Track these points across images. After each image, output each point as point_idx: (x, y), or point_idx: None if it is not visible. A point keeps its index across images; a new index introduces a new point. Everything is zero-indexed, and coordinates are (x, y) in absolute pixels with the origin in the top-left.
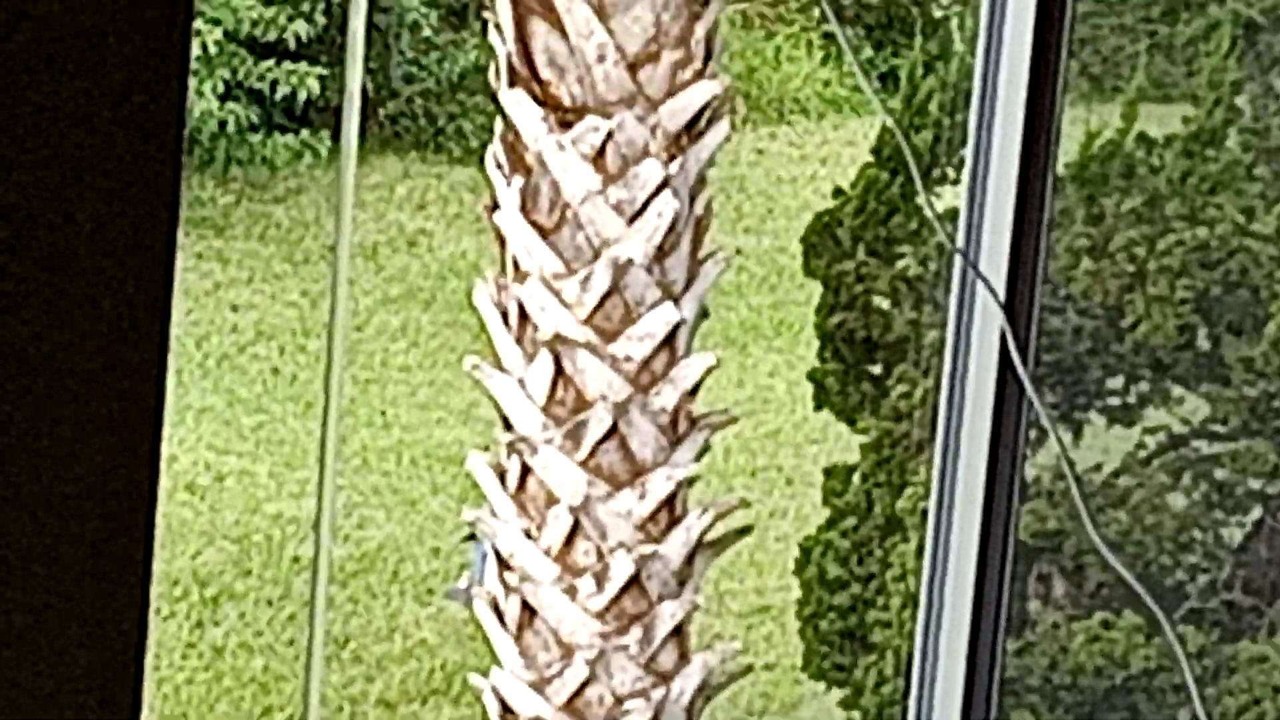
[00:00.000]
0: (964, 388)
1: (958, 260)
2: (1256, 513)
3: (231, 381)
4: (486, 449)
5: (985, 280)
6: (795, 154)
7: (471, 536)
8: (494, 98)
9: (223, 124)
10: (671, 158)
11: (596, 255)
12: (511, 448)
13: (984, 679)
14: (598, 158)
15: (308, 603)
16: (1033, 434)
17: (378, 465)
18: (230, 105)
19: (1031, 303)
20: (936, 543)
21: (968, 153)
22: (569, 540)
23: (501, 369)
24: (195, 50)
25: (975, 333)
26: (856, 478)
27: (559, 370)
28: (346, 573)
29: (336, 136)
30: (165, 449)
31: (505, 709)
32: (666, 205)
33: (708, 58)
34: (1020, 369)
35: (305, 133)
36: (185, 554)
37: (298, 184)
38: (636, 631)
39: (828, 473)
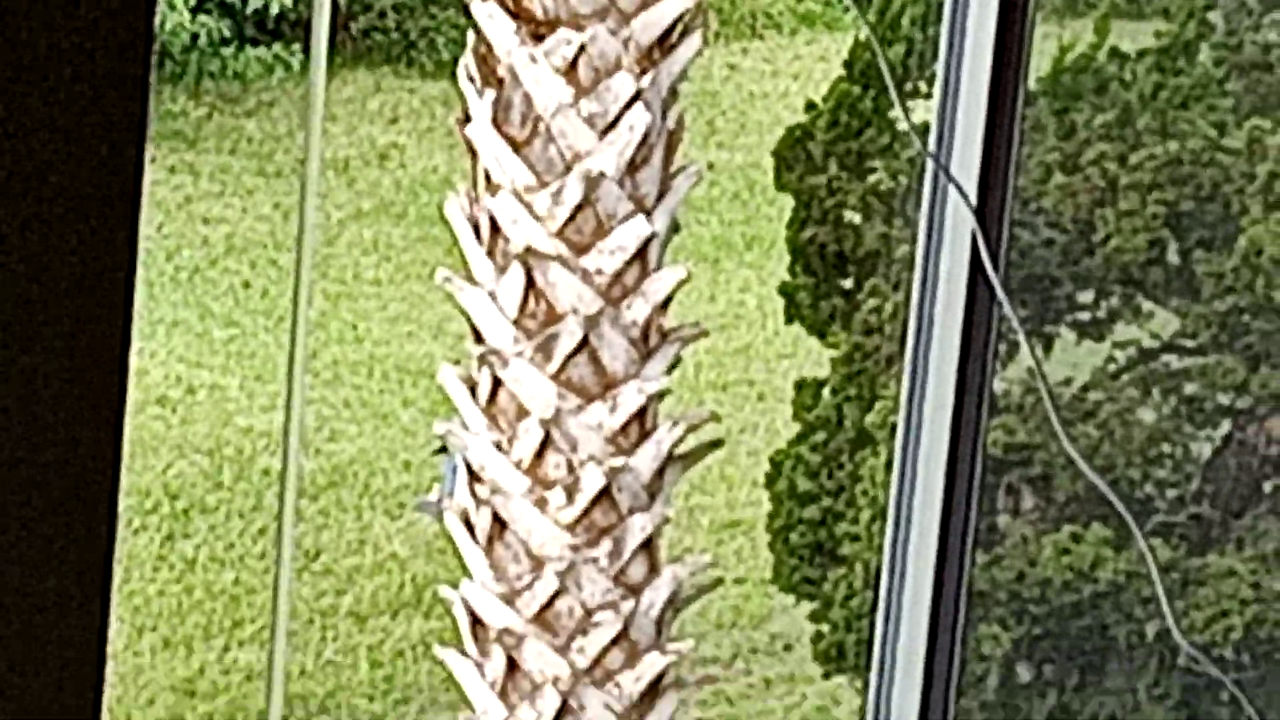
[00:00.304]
0: (935, 296)
1: (930, 167)
2: (1225, 427)
3: (202, 295)
4: (458, 363)
5: (956, 183)
6: (767, 69)
7: (442, 449)
8: (466, 10)
9: (194, 37)
10: (644, 71)
11: (568, 168)
12: (482, 360)
13: (952, 591)
14: (570, 71)
15: (277, 516)
16: (1003, 348)
17: (349, 379)
18: (202, 18)
19: (1003, 209)
20: (905, 455)
21: (940, 64)
22: (539, 453)
23: (473, 282)
24: None
25: (947, 240)
26: (827, 392)
27: (530, 283)
28: (317, 486)
29: (308, 50)
30: (136, 362)
31: (475, 621)
32: (638, 118)
33: None
34: (991, 273)
35: (277, 46)
36: (156, 467)
37: (269, 97)
38: (606, 544)
39: (798, 387)
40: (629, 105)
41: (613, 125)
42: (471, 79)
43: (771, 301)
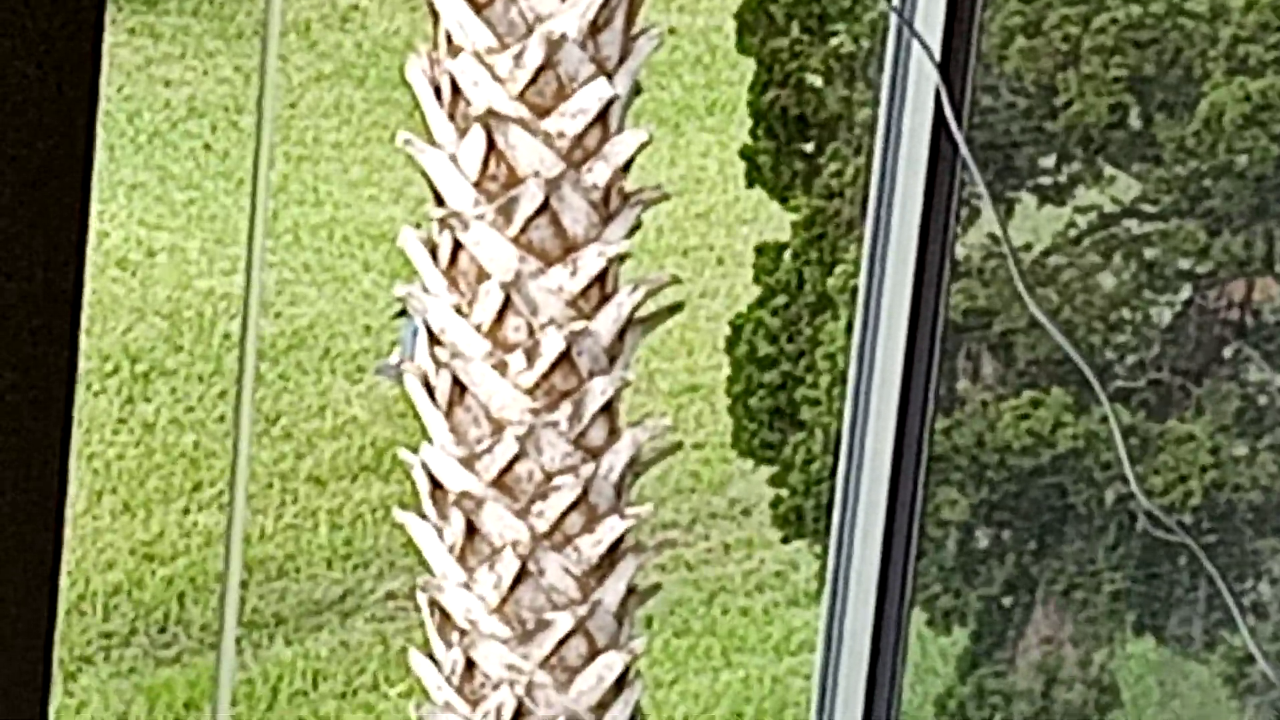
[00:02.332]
0: (898, 155)
1: (894, 24)
2: (1186, 292)
3: (163, 158)
4: (418, 226)
5: (920, 39)
6: None
7: (402, 313)
8: None
9: None
10: None
11: (530, 30)
12: (443, 223)
13: (912, 456)
14: None
15: (238, 380)
16: (964, 213)
17: (309, 242)
18: None
19: (966, 67)
20: (866, 318)
21: None
22: (500, 316)
23: (434, 144)
24: None
25: (910, 99)
26: (788, 255)
27: (491, 146)
28: (277, 350)
29: None
30: (96, 225)
31: (435, 485)
32: None
33: None
34: (955, 131)
35: None
36: (116, 330)
37: None
38: (566, 408)
39: (759, 250)
40: None
41: None
42: None
43: (732, 166)
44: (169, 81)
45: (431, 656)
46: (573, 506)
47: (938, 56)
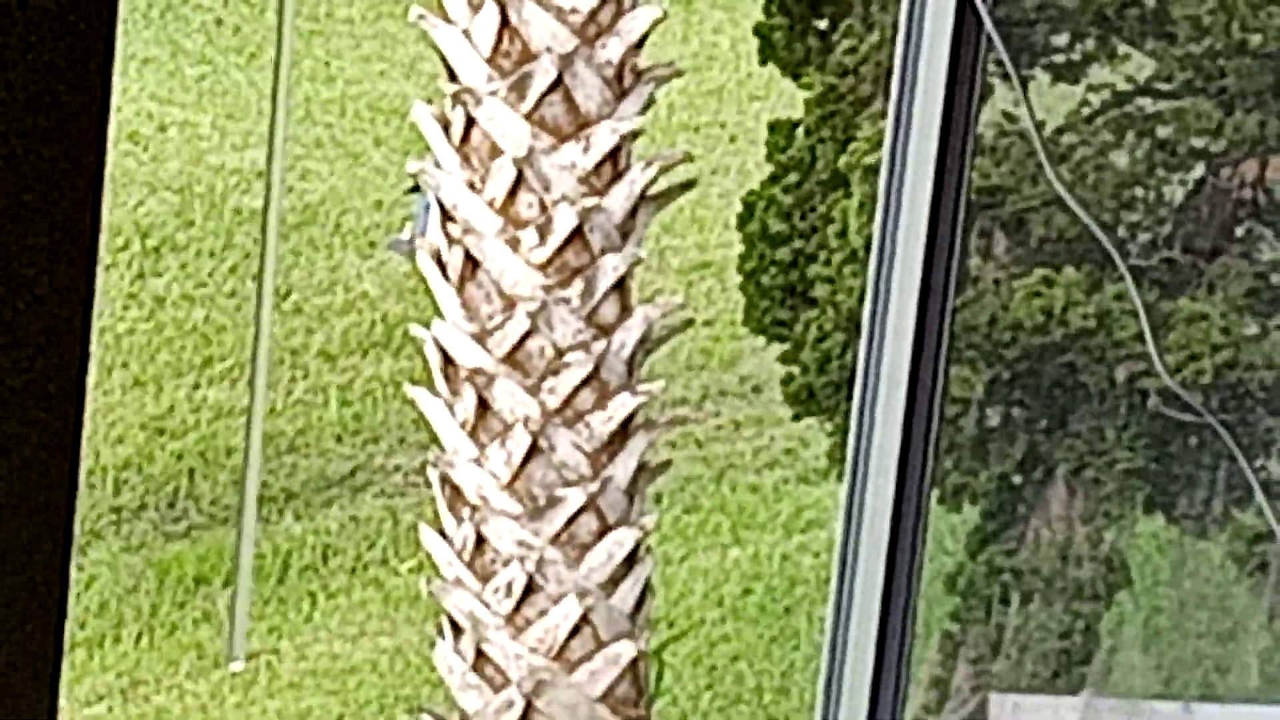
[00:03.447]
0: (922, 27)
1: None
2: (1199, 171)
3: (174, 32)
4: (430, 102)
5: None
6: None
7: (415, 188)
8: None
9: None
10: None
11: None
12: (456, 99)
13: (934, 333)
14: None
15: (249, 253)
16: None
17: (321, 117)
18: None
19: None
20: (889, 191)
21: None
22: (512, 192)
23: (447, 20)
24: None
25: None
26: (800, 133)
27: (504, 21)
28: (288, 225)
29: None
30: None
31: (446, 360)
32: None
33: None
34: (979, 2)
35: None
36: (127, 204)
37: None
38: (578, 284)
39: (771, 127)
40: None
41: None
42: None
43: (745, 43)
44: None
45: (442, 532)
46: (584, 383)
47: None
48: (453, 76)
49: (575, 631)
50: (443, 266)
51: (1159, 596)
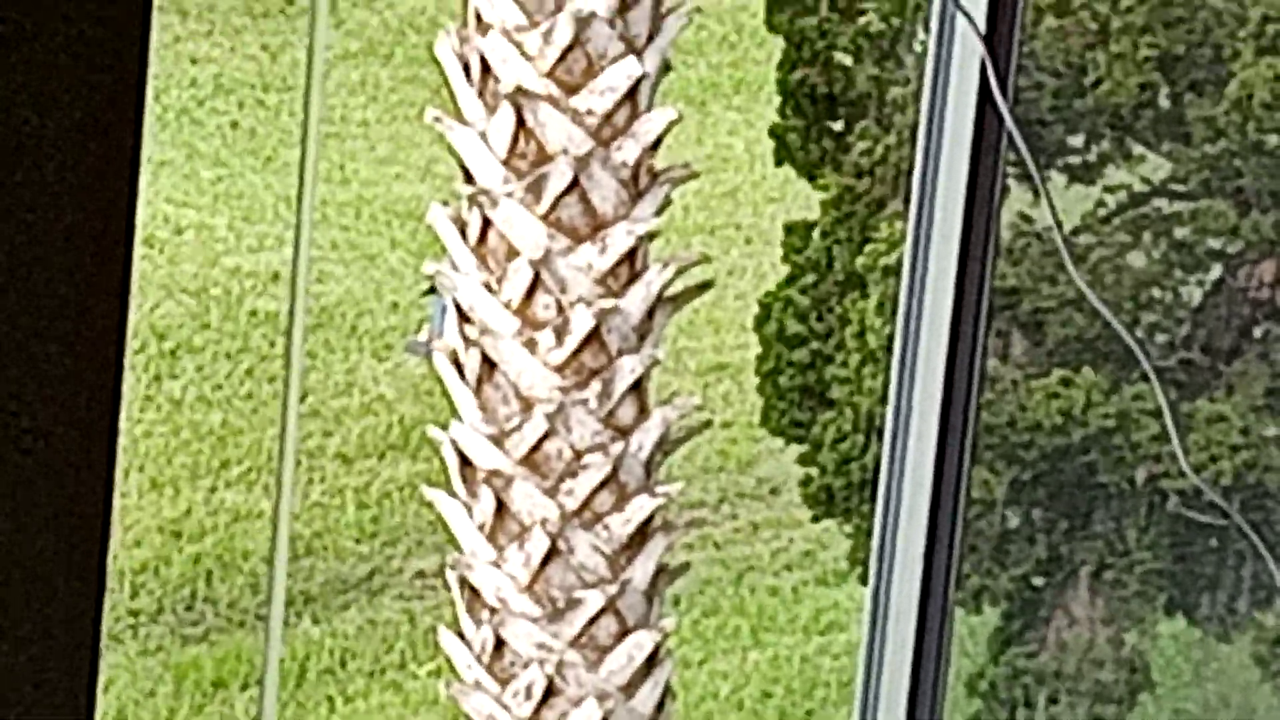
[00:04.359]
0: (942, 126)
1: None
2: (1216, 272)
3: (190, 135)
4: (446, 204)
5: (963, 9)
6: None
7: (431, 290)
8: None
9: None
10: None
11: (559, 7)
12: (472, 200)
13: (957, 434)
14: None
15: (266, 356)
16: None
17: (336, 219)
18: None
19: (1011, 37)
20: (911, 292)
21: None
22: (529, 294)
23: (463, 121)
24: None
25: (954, 69)
26: (817, 234)
27: (520, 123)
28: (305, 327)
29: None
30: None
31: (464, 462)
32: None
33: None
34: (1000, 100)
35: None
36: (144, 307)
37: None
38: (596, 386)
39: (788, 229)
40: None
41: None
42: None
43: (760, 145)
44: (196, 59)
45: (461, 635)
46: (602, 484)
47: (982, 28)
48: (469, 178)
49: None
50: (459, 368)
51: (1182, 699)
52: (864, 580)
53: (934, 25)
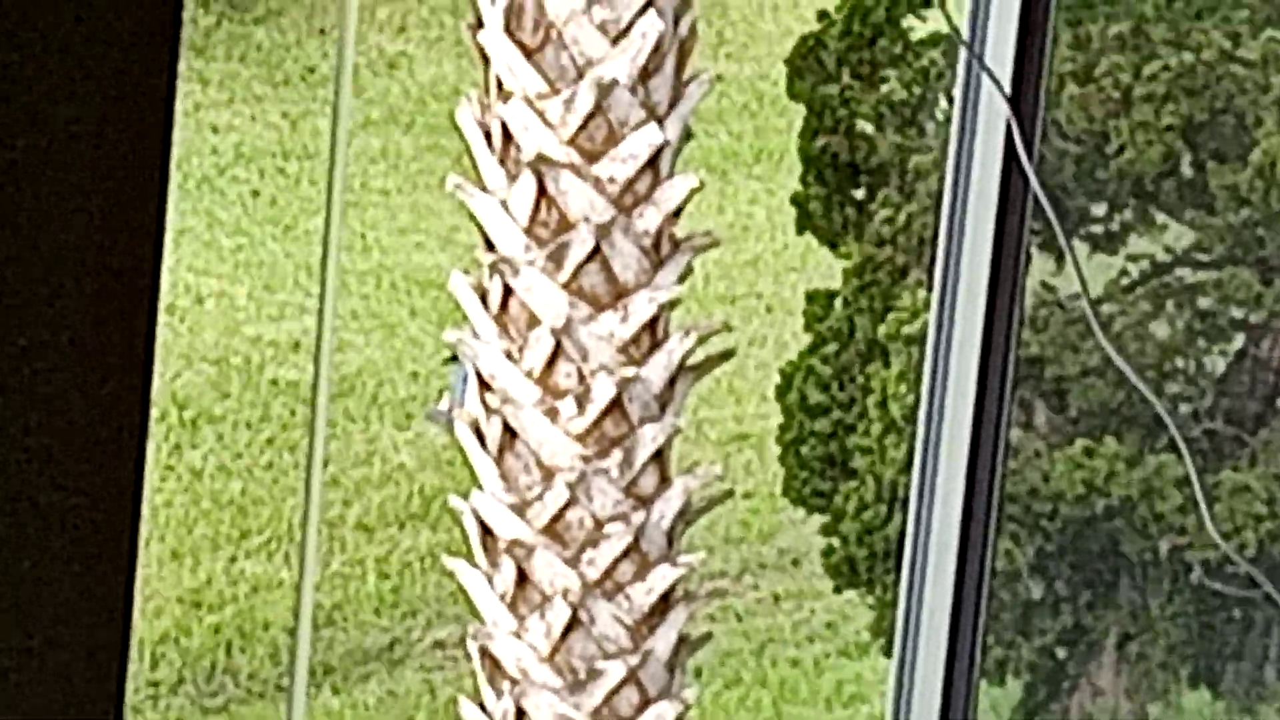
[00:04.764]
0: (968, 190)
1: (962, 55)
2: (1239, 341)
3: (210, 203)
4: (466, 272)
5: (990, 72)
6: None
7: (452, 358)
8: None
9: None
10: None
11: (580, 75)
12: (493, 268)
13: (982, 505)
14: None
15: (286, 425)
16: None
17: (357, 289)
18: None
19: (1036, 101)
20: (936, 360)
21: None
22: (550, 362)
23: (484, 189)
24: None
25: (980, 135)
26: (838, 303)
27: (542, 191)
28: (327, 397)
29: None
30: None
31: (485, 531)
32: (651, 25)
33: None
34: (1026, 162)
35: None
36: (164, 376)
37: (278, 5)
38: (617, 454)
39: (809, 298)
40: (642, 11)
41: (625, 32)
42: None
43: (781, 214)
44: (216, 127)
45: (482, 705)
46: (624, 554)
47: (1008, 90)
48: (490, 246)
49: None
50: (481, 437)
51: None
52: (887, 652)
53: (959, 88)
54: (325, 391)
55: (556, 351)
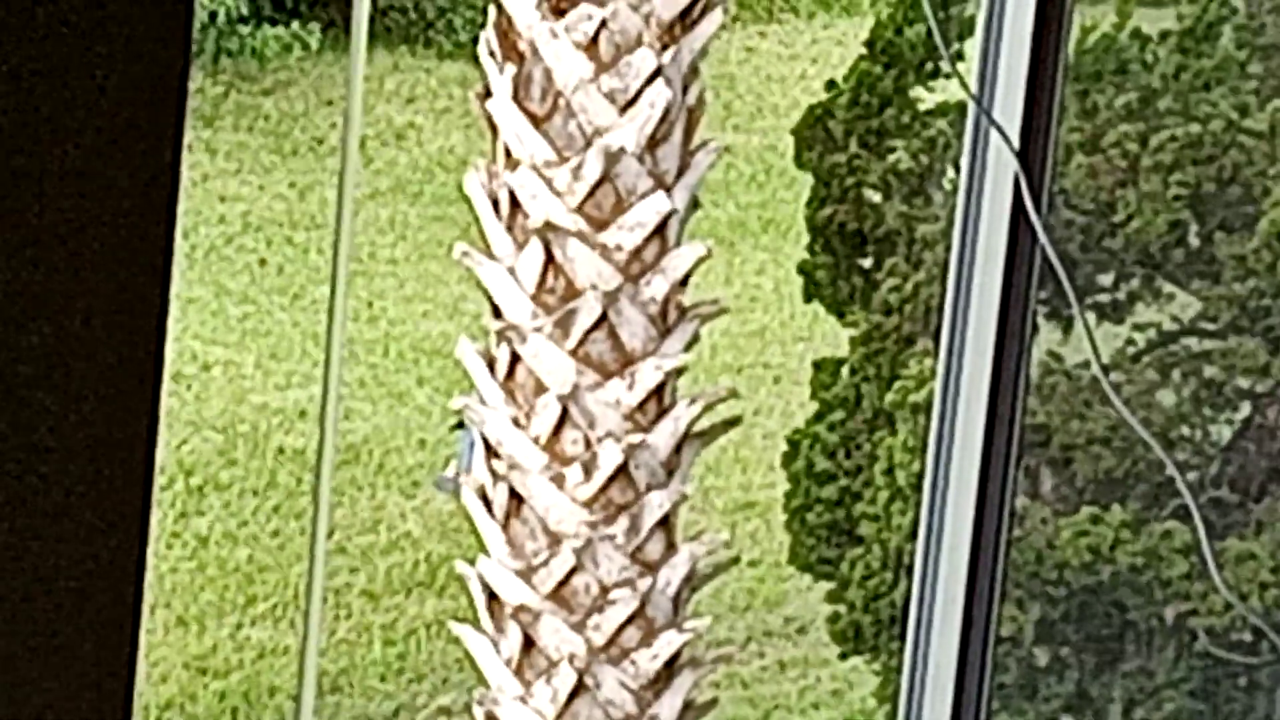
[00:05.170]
0: (975, 246)
1: (971, 111)
2: (1245, 410)
3: (218, 272)
4: (474, 339)
5: (998, 126)
6: (785, 52)
7: (460, 425)
8: None
9: (213, 15)
10: (665, 47)
11: (588, 143)
12: (501, 335)
13: (987, 571)
14: (591, 46)
15: (293, 493)
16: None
17: (365, 357)
18: None
19: (1044, 156)
20: (941, 429)
21: (982, 5)
22: (557, 429)
23: (492, 257)
24: None
25: (987, 199)
26: (845, 371)
27: (549, 258)
28: (332, 464)
29: (326, 29)
30: None
31: (492, 597)
32: (659, 94)
33: None
34: (1034, 216)
35: (295, 25)
36: (171, 444)
37: (287, 76)
38: (624, 521)
39: (817, 366)
40: (650, 81)
41: (633, 101)
42: (492, 54)
43: (788, 284)
44: (225, 196)
45: None
46: (630, 620)
47: (1016, 145)
48: (497, 313)
49: None
50: (487, 503)
51: None
52: (892, 718)
53: (967, 144)
54: (330, 458)
55: (563, 418)
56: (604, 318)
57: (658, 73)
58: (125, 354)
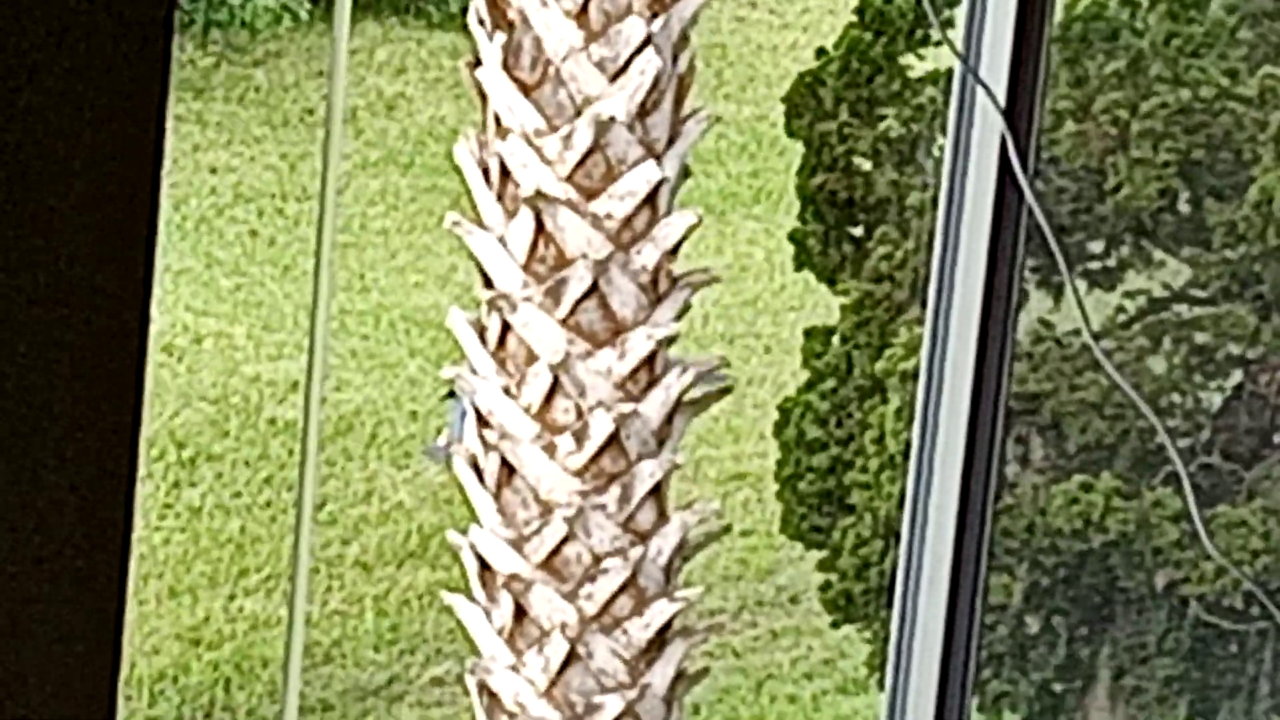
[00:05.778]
0: (962, 211)
1: (958, 70)
2: (1236, 377)
3: (209, 244)
4: (465, 309)
5: (985, 86)
6: (775, 21)
7: (451, 394)
8: None
9: None
10: (654, 15)
11: (578, 112)
12: (492, 305)
13: (973, 540)
14: (581, 14)
15: (284, 464)
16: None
17: (355, 328)
18: None
19: (1031, 115)
20: (928, 397)
21: None
22: (548, 398)
23: (482, 226)
24: None
25: (975, 150)
26: (836, 339)
27: (540, 227)
28: (324, 435)
29: (316, 0)
30: None
31: (483, 567)
32: (649, 63)
33: None
34: (1020, 175)
35: None
36: (163, 415)
37: (277, 47)
38: (615, 490)
39: (807, 334)
40: (640, 50)
41: (623, 69)
42: (482, 23)
43: (779, 253)
44: (215, 168)
45: None
46: (621, 589)
47: (1002, 103)
48: (488, 283)
49: None
50: (479, 473)
51: None
52: (883, 686)
53: (953, 113)
54: (317, 429)
55: (554, 387)
56: (595, 287)
57: (648, 41)
58: (110, 325)
